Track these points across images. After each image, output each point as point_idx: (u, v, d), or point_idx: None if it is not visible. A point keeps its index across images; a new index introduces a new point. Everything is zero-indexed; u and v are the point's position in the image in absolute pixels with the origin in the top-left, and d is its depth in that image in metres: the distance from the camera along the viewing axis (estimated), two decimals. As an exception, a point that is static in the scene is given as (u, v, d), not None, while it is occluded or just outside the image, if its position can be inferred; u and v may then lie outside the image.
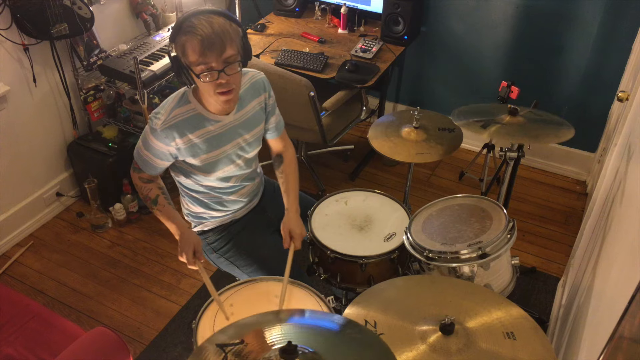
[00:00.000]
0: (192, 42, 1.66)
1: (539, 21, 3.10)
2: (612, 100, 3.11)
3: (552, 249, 3.04)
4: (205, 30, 1.64)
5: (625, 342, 1.01)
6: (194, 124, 1.85)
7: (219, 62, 1.68)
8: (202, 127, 1.86)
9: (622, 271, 1.35)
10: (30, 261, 3.00)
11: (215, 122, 1.88)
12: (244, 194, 2.08)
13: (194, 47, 1.66)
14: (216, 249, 2.09)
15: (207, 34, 1.64)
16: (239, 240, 2.08)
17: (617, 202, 1.77)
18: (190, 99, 1.86)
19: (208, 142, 1.88)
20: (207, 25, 1.65)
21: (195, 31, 1.64)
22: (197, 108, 1.85)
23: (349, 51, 3.22)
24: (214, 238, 2.08)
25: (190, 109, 1.85)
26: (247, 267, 2.06)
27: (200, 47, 1.65)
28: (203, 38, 1.64)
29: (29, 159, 3.05)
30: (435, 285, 1.63)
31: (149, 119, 1.86)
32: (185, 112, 1.84)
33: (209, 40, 1.64)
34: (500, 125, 2.19)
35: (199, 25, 1.65)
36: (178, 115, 1.83)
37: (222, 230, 2.09)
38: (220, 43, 1.66)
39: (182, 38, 1.67)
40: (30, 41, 2.78)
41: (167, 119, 1.82)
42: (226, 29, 1.68)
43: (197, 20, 1.65)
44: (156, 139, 1.84)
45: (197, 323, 1.68)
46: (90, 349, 1.96)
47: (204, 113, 1.86)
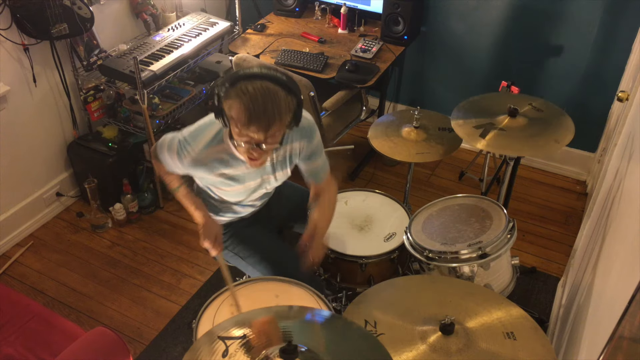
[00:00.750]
0: (238, 109, 1.57)
1: (539, 21, 3.10)
2: (612, 100, 3.11)
3: (552, 249, 3.04)
4: (255, 103, 1.54)
5: (625, 342, 1.01)
6: (223, 162, 1.81)
7: (260, 135, 1.60)
8: (229, 166, 1.82)
9: (622, 271, 1.35)
10: (30, 261, 3.00)
11: (243, 163, 1.82)
12: (257, 205, 2.10)
13: (240, 115, 1.57)
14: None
15: (256, 108, 1.54)
16: (243, 234, 2.10)
17: (617, 202, 1.77)
18: (224, 139, 1.78)
19: (232, 179, 1.86)
20: (260, 97, 1.54)
21: (245, 99, 1.55)
22: (229, 150, 1.78)
23: (349, 51, 3.22)
24: None
25: (222, 150, 1.79)
26: (250, 257, 2.07)
27: (245, 119, 1.56)
28: (250, 112, 1.55)
29: (29, 159, 3.04)
30: (435, 285, 1.63)
31: (179, 140, 1.81)
32: (216, 152, 1.79)
33: (255, 115, 1.55)
34: (499, 132, 2.16)
35: (252, 93, 1.55)
36: (210, 155, 1.79)
37: (227, 226, 2.11)
38: (266, 122, 1.57)
39: (232, 97, 1.57)
40: (30, 41, 2.78)
41: (196, 157, 1.78)
42: (279, 105, 1.58)
43: (251, 87, 1.55)
44: (180, 162, 1.83)
45: (197, 323, 1.68)
46: (90, 349, 1.96)
47: (236, 154, 1.79)
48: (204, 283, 2.85)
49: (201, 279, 2.88)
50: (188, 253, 3.03)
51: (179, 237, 3.12)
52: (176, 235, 3.14)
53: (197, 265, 2.96)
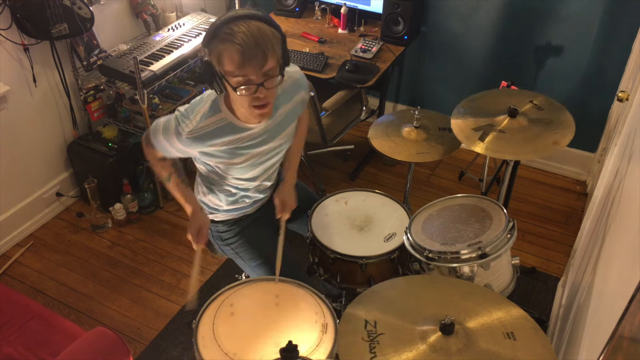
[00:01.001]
0: (230, 52, 1.52)
1: (539, 21, 3.10)
2: (612, 100, 3.11)
3: (552, 249, 3.04)
4: (246, 40, 1.50)
5: (625, 342, 1.01)
6: (223, 131, 1.76)
7: (258, 75, 1.57)
8: (231, 135, 1.77)
9: (622, 271, 1.35)
10: (30, 261, 3.00)
11: (245, 130, 1.79)
12: (262, 190, 2.06)
13: (233, 57, 1.53)
14: (224, 238, 2.10)
15: (248, 44, 1.50)
16: (247, 235, 2.09)
17: (617, 202, 1.77)
18: (221, 107, 1.75)
19: (234, 151, 1.81)
20: (247, 34, 1.50)
21: (235, 40, 1.50)
22: (228, 117, 1.75)
23: (349, 51, 3.22)
24: (223, 229, 2.09)
25: (221, 118, 1.75)
26: (251, 260, 2.07)
27: (240, 58, 1.52)
28: (244, 49, 1.51)
29: (29, 159, 3.04)
30: (435, 285, 1.63)
31: (176, 115, 1.76)
32: (215, 122, 1.74)
33: (249, 51, 1.51)
34: (498, 134, 2.14)
35: (239, 33, 1.50)
36: (208, 126, 1.74)
37: (232, 223, 2.09)
38: (262, 55, 1.53)
39: (219, 46, 1.54)
40: (30, 41, 2.78)
41: (195, 129, 1.73)
42: (268, 39, 1.54)
43: (236, 27, 1.51)
44: (179, 142, 1.77)
45: (197, 323, 1.68)
46: (90, 349, 1.96)
47: (235, 122, 1.76)
48: (204, 283, 2.85)
49: (201, 279, 2.88)
50: (188, 253, 3.03)
51: (179, 237, 3.12)
52: (176, 235, 3.14)
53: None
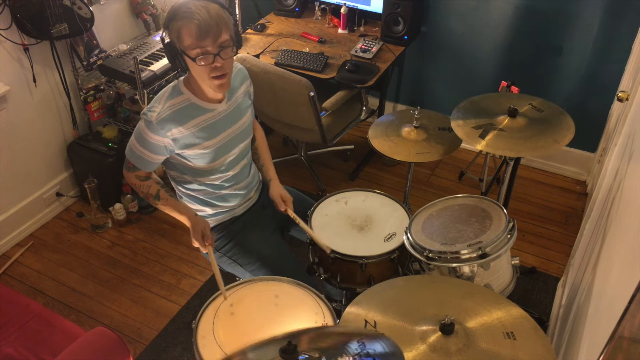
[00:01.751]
0: (188, 27, 1.71)
1: (539, 21, 3.10)
2: (612, 100, 3.11)
3: (552, 249, 3.04)
4: (202, 15, 1.70)
5: (625, 342, 1.01)
6: (189, 113, 1.87)
7: (214, 46, 1.73)
8: (197, 115, 1.89)
9: (622, 271, 1.35)
10: (30, 261, 3.00)
11: (209, 110, 1.91)
12: (240, 186, 2.09)
13: (191, 31, 1.71)
14: (218, 247, 2.09)
15: (204, 18, 1.70)
16: (241, 239, 2.09)
17: (617, 202, 1.77)
18: (182, 90, 1.89)
19: (203, 131, 1.90)
20: (203, 11, 1.70)
21: (192, 16, 1.69)
22: (191, 98, 1.88)
23: (349, 51, 3.22)
24: (216, 236, 2.08)
25: (184, 99, 1.88)
26: (249, 265, 2.07)
27: (197, 31, 1.70)
28: (200, 22, 1.69)
29: (29, 159, 3.05)
30: (435, 285, 1.63)
31: (142, 114, 1.88)
32: (179, 103, 1.87)
33: (205, 25, 1.70)
34: (498, 132, 2.15)
35: (196, 10, 1.70)
36: (173, 106, 1.85)
37: (223, 228, 2.09)
38: (216, 27, 1.72)
39: (177, 23, 1.72)
40: (30, 41, 2.78)
41: (162, 110, 1.84)
42: (221, 15, 1.74)
43: (193, 7, 1.71)
44: (152, 132, 1.85)
45: (197, 323, 1.68)
46: (90, 349, 1.96)
47: (198, 102, 1.89)
48: (204, 283, 2.85)
49: (201, 279, 2.88)
50: (188, 253, 3.03)
51: (179, 237, 3.12)
52: (176, 235, 3.14)
53: (197, 265, 2.96)
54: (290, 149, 3.74)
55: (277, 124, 3.20)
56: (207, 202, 2.06)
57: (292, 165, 3.56)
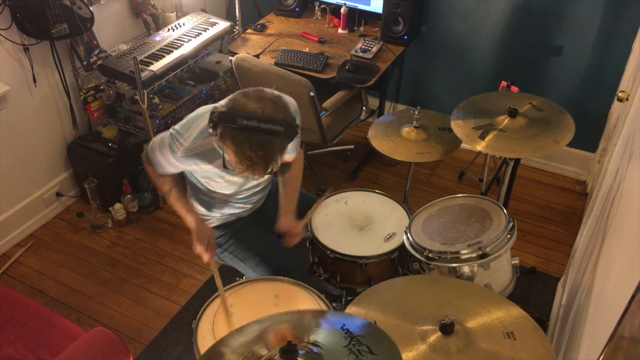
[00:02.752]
0: (235, 158, 1.57)
1: (539, 21, 3.10)
2: (612, 100, 3.11)
3: (552, 249, 3.03)
4: (252, 159, 1.54)
5: (625, 342, 1.01)
6: (214, 156, 1.79)
7: (253, 177, 1.65)
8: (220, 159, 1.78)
9: (622, 271, 1.35)
10: (30, 261, 2.99)
11: None
12: (252, 201, 2.11)
13: (235, 163, 1.58)
14: (220, 244, 2.12)
15: (253, 162, 1.55)
16: (241, 235, 2.11)
17: (617, 202, 1.77)
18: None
19: (226, 172, 1.82)
20: (256, 154, 1.53)
21: (242, 153, 1.54)
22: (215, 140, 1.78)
23: (349, 51, 3.22)
24: (218, 234, 2.10)
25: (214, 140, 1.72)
26: (249, 260, 2.08)
27: (242, 168, 1.58)
28: (247, 165, 1.56)
29: (29, 159, 3.04)
30: (435, 285, 1.63)
31: (171, 133, 1.80)
32: (209, 144, 1.76)
33: (252, 168, 1.57)
34: (498, 133, 2.15)
35: (249, 149, 1.53)
36: (202, 146, 1.78)
37: (225, 227, 2.12)
38: (262, 170, 1.59)
39: (227, 141, 1.56)
40: (30, 41, 2.78)
41: (189, 148, 1.77)
42: (275, 156, 1.58)
43: (248, 143, 1.53)
44: (174, 158, 1.83)
45: (197, 323, 1.68)
46: (90, 349, 1.96)
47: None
48: (204, 283, 2.85)
49: (201, 279, 2.88)
50: (188, 253, 3.03)
51: (179, 237, 3.12)
52: (176, 235, 3.14)
53: (197, 265, 2.96)
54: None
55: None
56: (215, 207, 2.07)
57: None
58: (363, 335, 1.21)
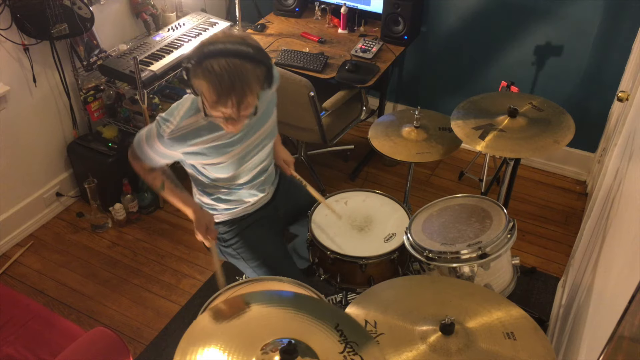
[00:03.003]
0: (209, 89, 1.57)
1: (539, 21, 3.10)
2: (612, 100, 3.11)
3: (552, 249, 3.04)
4: (223, 84, 1.54)
5: (625, 342, 1.01)
6: (203, 131, 1.79)
7: (231, 111, 1.63)
8: (215, 132, 1.80)
9: (622, 271, 1.35)
10: (30, 261, 3.00)
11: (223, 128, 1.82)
12: (257, 186, 2.06)
13: (210, 94, 1.58)
14: (225, 239, 2.11)
15: (225, 88, 1.55)
16: (247, 234, 2.09)
17: (617, 202, 1.77)
18: (200, 106, 1.77)
19: (218, 148, 1.83)
20: (226, 77, 1.54)
21: (216, 79, 1.54)
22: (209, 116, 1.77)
23: (349, 51, 3.22)
24: (224, 230, 2.09)
25: (201, 117, 1.77)
26: (252, 260, 2.08)
27: (216, 98, 1.58)
28: (220, 92, 1.56)
29: (29, 159, 3.05)
30: (435, 285, 1.63)
31: (157, 120, 1.80)
32: (196, 122, 1.77)
33: (225, 93, 1.56)
34: (498, 133, 2.15)
35: (219, 73, 1.54)
36: (189, 126, 1.77)
37: (232, 223, 2.09)
38: (237, 99, 1.58)
39: (200, 77, 1.57)
40: (30, 41, 2.78)
41: (176, 129, 1.76)
42: (247, 79, 1.57)
43: (217, 66, 1.54)
44: (162, 145, 1.80)
45: (197, 323, 1.68)
46: (90, 349, 1.96)
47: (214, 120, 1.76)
48: (204, 283, 2.86)
49: (201, 279, 2.88)
50: (188, 253, 3.03)
51: (179, 237, 3.12)
52: (176, 235, 3.14)
53: (197, 265, 2.96)
54: (290, 149, 3.71)
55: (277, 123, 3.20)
56: (220, 199, 2.04)
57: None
58: (357, 343, 1.22)
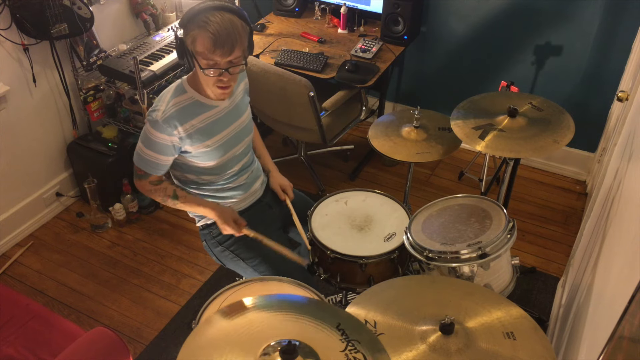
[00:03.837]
0: (203, 37, 1.70)
1: (539, 21, 3.10)
2: (612, 100, 3.11)
3: (552, 249, 3.04)
4: (218, 29, 1.69)
5: (625, 342, 1.01)
6: (193, 110, 1.90)
7: (225, 61, 1.76)
8: (201, 113, 1.91)
9: (622, 271, 1.35)
10: (30, 261, 3.00)
11: (212, 107, 1.94)
12: (244, 181, 2.11)
13: (205, 42, 1.71)
14: (221, 242, 2.11)
15: (220, 33, 1.70)
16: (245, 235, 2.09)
17: (617, 202, 1.77)
18: (186, 88, 1.91)
19: (208, 128, 1.93)
20: (221, 24, 1.70)
21: (209, 27, 1.69)
22: (195, 96, 1.91)
23: (349, 51, 3.22)
24: (218, 231, 2.09)
25: (188, 97, 1.90)
26: (251, 260, 2.08)
27: (211, 44, 1.71)
28: (215, 37, 1.70)
29: (29, 159, 3.05)
30: (435, 285, 1.63)
31: (146, 116, 1.89)
32: (183, 101, 1.89)
33: (220, 40, 1.70)
34: (498, 133, 2.15)
35: (214, 22, 1.69)
36: (177, 104, 1.88)
37: None
38: (230, 45, 1.72)
39: (194, 29, 1.71)
40: (30, 41, 2.78)
41: (166, 109, 1.86)
42: (238, 30, 1.74)
43: (212, 17, 1.70)
44: (158, 131, 1.86)
45: (197, 323, 1.68)
46: (90, 349, 1.96)
47: (202, 100, 1.92)
48: (204, 283, 2.86)
49: (201, 279, 2.88)
50: (188, 253, 3.03)
51: (179, 237, 3.12)
52: (176, 235, 3.14)
53: (197, 265, 2.96)
54: (290, 149, 3.74)
55: (276, 124, 3.20)
56: (210, 197, 2.07)
57: (292, 165, 3.56)
58: (359, 342, 1.22)
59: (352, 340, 1.22)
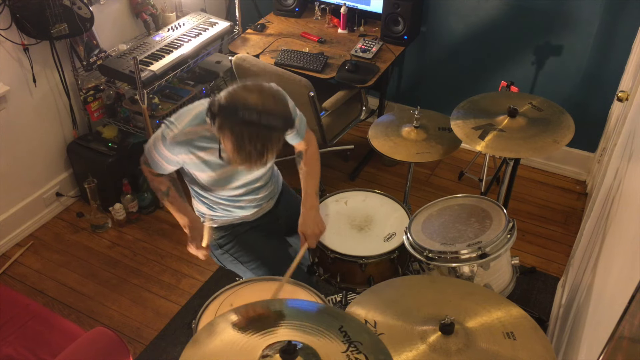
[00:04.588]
0: (232, 149, 1.60)
1: (539, 21, 3.10)
2: (612, 100, 3.11)
3: (552, 249, 3.03)
4: (249, 151, 1.57)
5: (625, 342, 1.01)
6: (206, 143, 1.81)
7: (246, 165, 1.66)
8: (212, 144, 1.82)
9: (622, 271, 1.35)
10: (30, 261, 2.99)
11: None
12: (253, 202, 2.06)
13: (232, 152, 1.61)
14: (222, 245, 2.10)
15: (250, 154, 1.58)
16: (245, 238, 2.09)
17: (617, 202, 1.77)
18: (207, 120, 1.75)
19: (216, 163, 1.85)
20: (253, 146, 1.56)
21: (241, 143, 1.56)
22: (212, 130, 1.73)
23: (349, 51, 3.22)
24: (220, 234, 2.09)
25: (205, 129, 1.79)
26: (250, 263, 2.07)
27: (239, 160, 1.61)
28: (244, 157, 1.59)
29: (29, 159, 3.04)
30: (435, 285, 1.63)
31: (164, 122, 1.83)
32: (197, 132, 1.80)
33: (248, 159, 1.60)
34: (498, 133, 2.15)
35: (248, 141, 1.56)
36: (191, 133, 1.79)
37: (229, 228, 2.10)
38: (259, 163, 1.62)
39: (226, 133, 1.59)
40: (30, 41, 2.78)
41: (178, 134, 1.79)
42: (271, 148, 1.61)
43: (248, 136, 1.55)
44: (165, 148, 1.83)
45: (197, 323, 1.68)
46: (90, 349, 1.96)
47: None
48: (203, 283, 2.85)
49: (201, 279, 2.88)
50: (188, 253, 3.02)
51: (179, 237, 3.12)
52: (176, 235, 3.14)
53: (197, 265, 2.96)
54: (291, 149, 3.73)
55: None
56: (217, 208, 2.05)
57: (292, 165, 3.55)
58: (361, 343, 1.22)
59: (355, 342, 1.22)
